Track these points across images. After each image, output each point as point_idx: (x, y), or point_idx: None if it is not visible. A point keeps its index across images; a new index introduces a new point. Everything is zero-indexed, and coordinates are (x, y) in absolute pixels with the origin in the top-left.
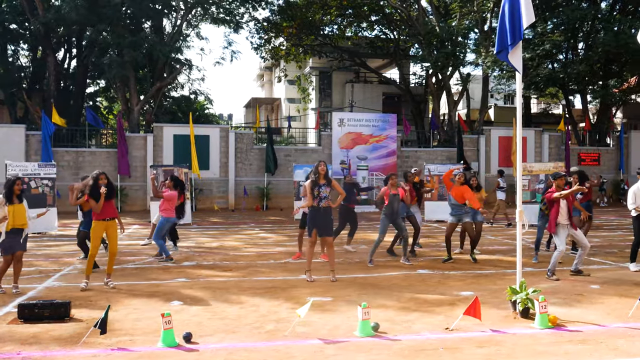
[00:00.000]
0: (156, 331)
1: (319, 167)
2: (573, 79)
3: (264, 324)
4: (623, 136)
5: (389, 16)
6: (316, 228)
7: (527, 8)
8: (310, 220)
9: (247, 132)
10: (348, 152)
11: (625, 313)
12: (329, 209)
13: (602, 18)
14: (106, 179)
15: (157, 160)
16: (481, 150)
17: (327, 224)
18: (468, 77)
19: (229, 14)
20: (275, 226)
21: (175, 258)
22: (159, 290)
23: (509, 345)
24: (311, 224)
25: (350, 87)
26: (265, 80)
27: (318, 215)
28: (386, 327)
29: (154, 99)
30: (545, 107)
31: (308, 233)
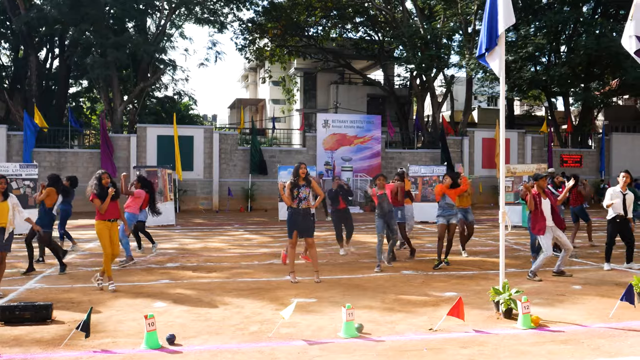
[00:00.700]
0: (139, 333)
1: (300, 169)
2: (555, 81)
3: (248, 325)
4: (604, 138)
5: (374, 18)
6: (296, 229)
7: (507, 10)
8: (290, 221)
9: (231, 133)
10: (332, 153)
11: (606, 313)
12: (308, 210)
13: (583, 21)
14: (109, 177)
15: (140, 161)
16: (465, 152)
17: (307, 225)
18: (452, 79)
19: (213, 15)
20: (259, 227)
21: (159, 259)
22: (142, 292)
23: (492, 345)
24: (291, 225)
25: (335, 89)
26: (249, 81)
27: (298, 217)
28: (370, 328)
29: (137, 99)
30: (528, 109)
31: (288, 234)
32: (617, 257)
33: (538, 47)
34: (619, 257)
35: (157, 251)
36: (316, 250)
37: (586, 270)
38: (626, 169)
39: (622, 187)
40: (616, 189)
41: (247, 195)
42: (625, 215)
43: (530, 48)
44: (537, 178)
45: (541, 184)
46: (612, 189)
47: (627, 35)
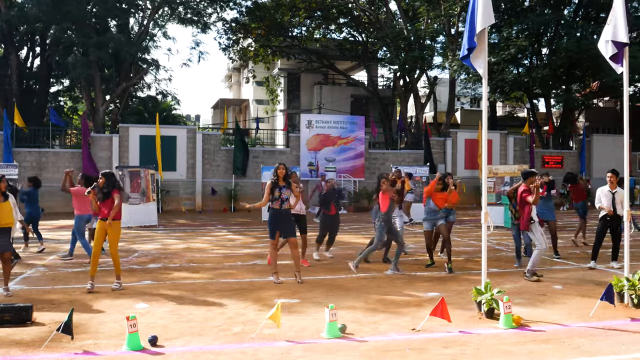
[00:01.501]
0: (121, 334)
1: (278, 169)
2: (537, 83)
3: (231, 326)
4: (585, 139)
5: (358, 19)
6: (278, 230)
7: (486, 9)
8: (273, 222)
9: (214, 133)
10: (316, 153)
11: (586, 313)
12: (289, 211)
13: (565, 24)
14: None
15: (122, 161)
16: (448, 153)
17: (288, 225)
18: (435, 80)
19: (197, 14)
20: (242, 228)
21: (141, 260)
22: (124, 293)
23: (474, 345)
24: (273, 226)
25: (319, 89)
26: (233, 81)
27: (280, 217)
28: (353, 329)
29: (119, 99)
30: (510, 110)
31: (270, 235)
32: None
33: (520, 49)
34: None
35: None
36: (298, 251)
37: (567, 270)
38: (613, 168)
39: (611, 187)
40: (604, 189)
41: (230, 195)
42: (615, 211)
43: (513, 50)
44: (527, 176)
45: (530, 182)
46: (600, 190)
47: (603, 39)
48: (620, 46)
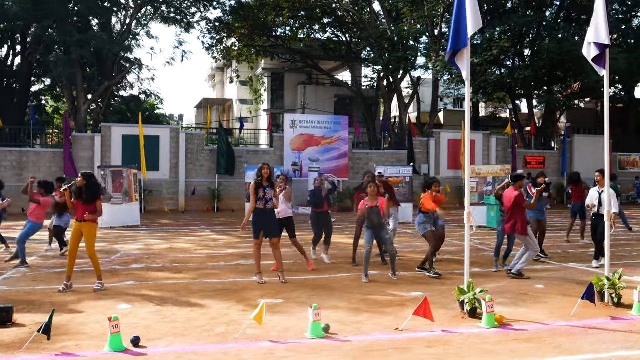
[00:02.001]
0: (103, 335)
1: (262, 170)
2: (519, 84)
3: (214, 327)
4: (567, 140)
5: (341, 19)
6: (263, 230)
7: (474, 15)
8: (256, 222)
9: (198, 132)
10: (300, 153)
11: (568, 312)
12: (273, 211)
13: (547, 25)
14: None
15: (105, 161)
16: (431, 153)
17: (273, 226)
18: (419, 80)
19: (180, 14)
20: (226, 228)
21: (124, 260)
22: (106, 294)
23: (457, 344)
24: (257, 226)
25: (303, 89)
26: (217, 80)
27: (264, 217)
28: (337, 329)
29: (102, 98)
30: (493, 111)
31: (254, 235)
32: (580, 257)
33: (503, 50)
34: (579, 257)
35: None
36: (281, 252)
37: (549, 269)
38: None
39: (599, 186)
40: (595, 188)
41: (214, 195)
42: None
43: (495, 51)
44: (517, 179)
45: (520, 185)
46: (592, 190)
47: (587, 42)
48: (601, 48)
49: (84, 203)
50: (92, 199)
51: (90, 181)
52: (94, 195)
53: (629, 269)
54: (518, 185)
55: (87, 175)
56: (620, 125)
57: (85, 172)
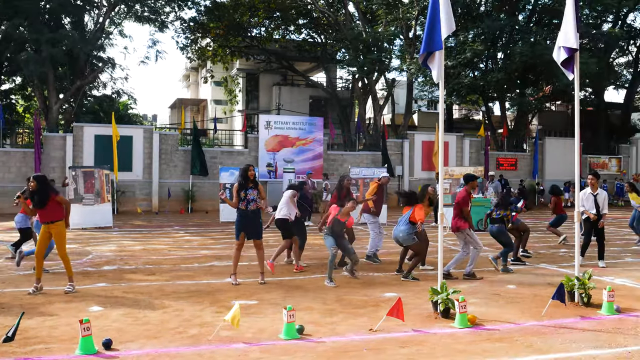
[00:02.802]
0: (74, 338)
1: (248, 171)
2: (492, 86)
3: (187, 329)
4: (538, 142)
5: (317, 20)
6: (244, 231)
7: (448, 17)
8: (239, 223)
9: (172, 133)
10: (275, 154)
11: (539, 311)
12: (257, 212)
13: (519, 29)
14: (37, 184)
15: (77, 161)
16: (405, 155)
17: (255, 227)
18: (393, 82)
19: (154, 13)
20: (200, 229)
21: (96, 262)
22: (77, 296)
23: (430, 344)
24: (239, 226)
25: (278, 90)
26: (191, 80)
27: (247, 218)
28: (311, 330)
29: (74, 97)
30: (466, 113)
31: (236, 236)
32: (552, 258)
33: (476, 53)
34: (550, 257)
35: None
36: (264, 252)
37: (520, 270)
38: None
39: (592, 189)
40: (586, 191)
41: (187, 196)
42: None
43: (469, 54)
44: (469, 179)
45: (473, 185)
46: (582, 193)
47: (557, 46)
48: (570, 51)
49: (36, 207)
50: (43, 202)
51: (42, 184)
52: (44, 199)
53: (598, 269)
54: (470, 186)
55: (39, 178)
56: (590, 128)
57: (37, 174)
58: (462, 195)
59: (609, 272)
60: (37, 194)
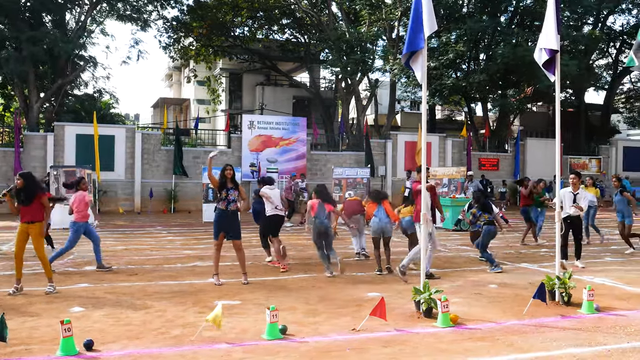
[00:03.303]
0: (55, 339)
1: (225, 170)
2: (474, 87)
3: (170, 329)
4: (519, 143)
5: (300, 20)
6: (223, 231)
7: (430, 17)
8: (217, 222)
9: (154, 132)
10: (258, 154)
11: (520, 310)
12: (236, 213)
13: (501, 31)
14: (24, 181)
15: (58, 160)
16: (388, 155)
17: (234, 227)
18: (376, 83)
19: (137, 12)
20: (183, 229)
21: (77, 262)
22: (58, 297)
23: (413, 344)
24: (218, 226)
25: (261, 90)
26: (174, 80)
27: (226, 218)
28: (294, 330)
29: (55, 96)
30: (449, 113)
31: (214, 236)
32: (533, 257)
33: (458, 55)
34: (531, 257)
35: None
36: (244, 253)
37: (502, 270)
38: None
39: (573, 188)
40: (567, 190)
41: (170, 196)
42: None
43: (451, 55)
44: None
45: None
46: (562, 191)
47: (539, 47)
48: (551, 53)
49: (23, 205)
50: (29, 199)
51: (29, 181)
52: (31, 195)
53: (578, 268)
54: (418, 177)
55: (25, 175)
56: (571, 129)
57: (23, 172)
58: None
59: (589, 271)
60: (24, 192)
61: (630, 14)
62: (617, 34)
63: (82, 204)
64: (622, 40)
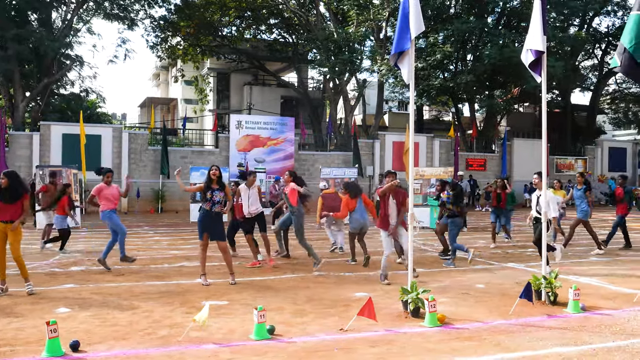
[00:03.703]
0: (40, 340)
1: (211, 171)
2: (462, 88)
3: (157, 330)
4: (506, 143)
5: (288, 20)
6: (207, 232)
7: (417, 18)
8: (201, 223)
9: (141, 132)
10: (246, 154)
11: (507, 310)
12: (220, 215)
13: (488, 32)
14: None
15: (44, 160)
16: (376, 155)
17: (218, 229)
18: (364, 83)
19: (124, 10)
20: (170, 229)
21: (63, 263)
22: (44, 297)
23: (400, 343)
24: (202, 227)
25: (249, 90)
26: (161, 79)
27: (210, 219)
28: (282, 330)
29: (41, 95)
30: (436, 114)
31: (199, 236)
32: (520, 257)
33: (446, 55)
34: (518, 256)
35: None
36: (230, 254)
37: (489, 269)
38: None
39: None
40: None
41: (157, 196)
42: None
43: (439, 56)
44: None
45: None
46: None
47: (525, 48)
48: (538, 54)
49: (6, 203)
50: (14, 198)
51: (14, 180)
52: (16, 194)
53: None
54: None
55: (10, 174)
56: (557, 130)
57: (8, 170)
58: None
59: (575, 271)
60: (9, 191)
61: (615, 15)
62: (602, 36)
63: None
64: (608, 42)
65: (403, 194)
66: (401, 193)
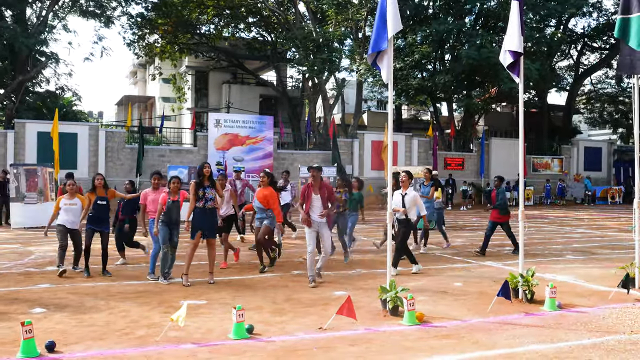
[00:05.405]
0: (15, 341)
1: (204, 168)
2: (440, 88)
3: (134, 330)
4: (484, 143)
5: (267, 19)
6: (202, 229)
7: (395, 17)
8: (196, 221)
9: (118, 130)
10: (224, 153)
11: (484, 308)
12: (214, 211)
13: (466, 32)
14: None
15: (18, 158)
16: (355, 154)
17: (212, 225)
18: (343, 82)
19: (100, 7)
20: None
21: (38, 262)
22: (18, 298)
23: (379, 342)
24: (197, 225)
25: (227, 88)
26: (138, 77)
27: (204, 217)
28: (261, 329)
29: (15, 93)
30: (415, 113)
31: (191, 235)
32: (497, 256)
33: (424, 55)
34: (496, 255)
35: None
36: (215, 251)
37: (467, 268)
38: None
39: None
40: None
41: None
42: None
43: (417, 56)
44: (317, 169)
45: (313, 174)
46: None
47: (503, 49)
48: (516, 55)
49: None
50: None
51: None
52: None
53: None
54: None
55: None
56: (534, 129)
57: None
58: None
59: (552, 269)
60: None
61: (590, 16)
62: (578, 36)
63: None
64: (584, 43)
65: (329, 188)
66: (326, 187)
